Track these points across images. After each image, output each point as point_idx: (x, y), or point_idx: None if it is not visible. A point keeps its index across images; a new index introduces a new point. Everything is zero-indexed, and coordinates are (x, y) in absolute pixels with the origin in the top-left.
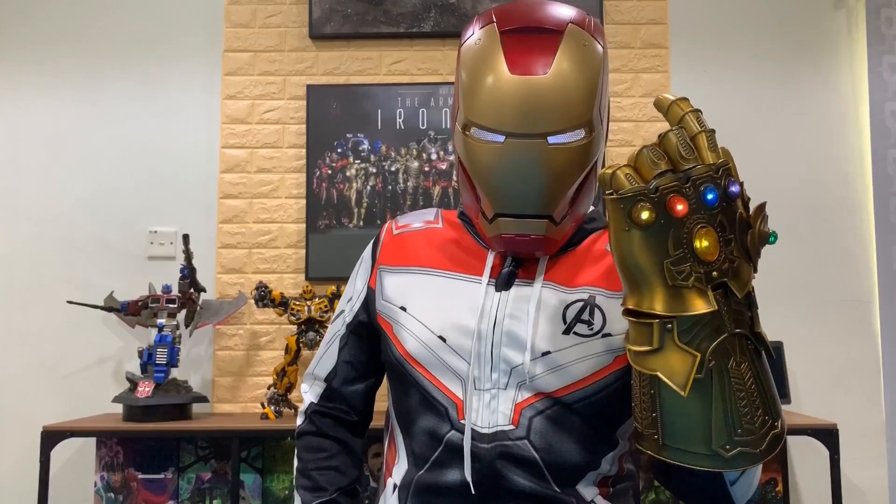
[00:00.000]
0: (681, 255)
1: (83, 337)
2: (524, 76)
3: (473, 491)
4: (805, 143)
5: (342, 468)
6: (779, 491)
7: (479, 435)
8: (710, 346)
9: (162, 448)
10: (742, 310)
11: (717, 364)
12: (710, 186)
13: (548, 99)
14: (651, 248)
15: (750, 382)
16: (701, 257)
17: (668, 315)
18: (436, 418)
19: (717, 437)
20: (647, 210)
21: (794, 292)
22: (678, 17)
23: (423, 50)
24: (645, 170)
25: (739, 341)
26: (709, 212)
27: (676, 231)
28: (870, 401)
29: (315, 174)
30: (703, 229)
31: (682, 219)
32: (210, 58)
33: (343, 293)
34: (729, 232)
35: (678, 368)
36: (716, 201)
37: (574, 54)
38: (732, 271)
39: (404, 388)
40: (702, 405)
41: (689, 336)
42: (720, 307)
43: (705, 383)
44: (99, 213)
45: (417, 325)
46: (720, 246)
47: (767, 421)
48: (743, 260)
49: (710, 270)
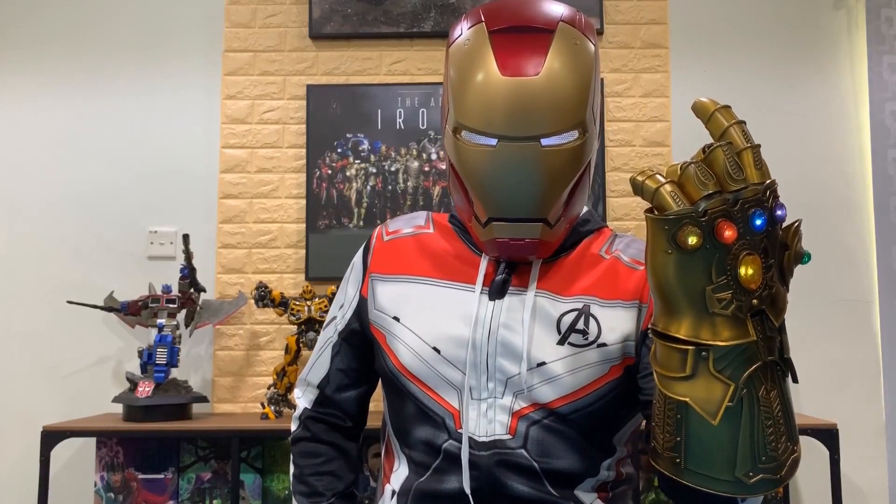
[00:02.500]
0: (724, 282)
1: (83, 337)
2: (515, 77)
3: (472, 500)
4: (805, 143)
5: (338, 473)
6: (779, 491)
7: (477, 443)
8: (744, 374)
9: (162, 448)
10: (774, 335)
11: (748, 392)
12: (759, 211)
13: (540, 100)
14: (694, 274)
15: (777, 410)
16: (744, 285)
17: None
18: (433, 428)
19: (741, 464)
20: (694, 235)
21: (794, 292)
22: (678, 17)
23: (423, 50)
24: (692, 188)
25: (771, 368)
26: (755, 237)
27: (722, 257)
28: (870, 401)
29: (315, 174)
30: (749, 256)
31: (728, 245)
32: (210, 58)
33: (335, 299)
34: (771, 257)
35: (710, 396)
36: (764, 226)
37: (565, 54)
38: (771, 298)
39: (400, 400)
40: (730, 433)
41: (723, 364)
42: (757, 335)
43: (735, 412)
44: (99, 213)
45: (411, 336)
46: (763, 272)
47: (790, 447)
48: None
49: (752, 298)
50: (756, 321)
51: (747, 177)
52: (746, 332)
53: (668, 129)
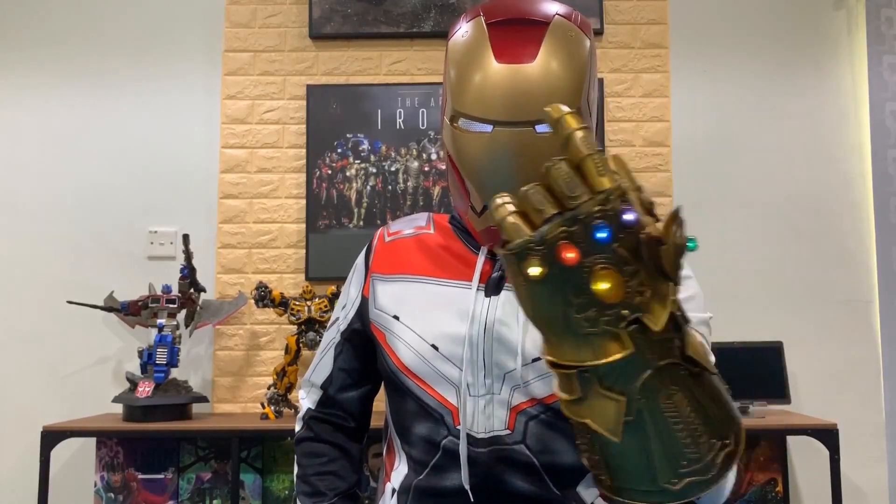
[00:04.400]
0: (584, 302)
1: (83, 337)
2: (511, 64)
3: (472, 497)
4: (805, 143)
5: (341, 473)
6: (779, 491)
7: (476, 440)
8: (635, 386)
9: (162, 448)
10: (669, 336)
11: (647, 402)
12: (600, 224)
13: (534, 86)
14: (552, 301)
15: (688, 411)
16: (605, 300)
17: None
18: (432, 425)
19: (661, 474)
20: (535, 265)
21: (794, 292)
22: (678, 17)
23: (423, 50)
24: (533, 214)
25: (670, 371)
26: (605, 250)
27: (575, 278)
28: (870, 401)
29: (315, 174)
30: (603, 270)
31: (575, 266)
32: (210, 58)
33: (338, 299)
34: (634, 262)
35: (605, 414)
36: (609, 238)
37: (560, 44)
38: (645, 304)
39: (400, 398)
40: (639, 446)
41: (612, 380)
42: (638, 345)
43: (638, 425)
44: (99, 214)
45: (410, 335)
46: (624, 281)
47: (716, 444)
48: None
49: (619, 311)
50: (635, 330)
51: (592, 187)
52: (623, 345)
53: (668, 129)
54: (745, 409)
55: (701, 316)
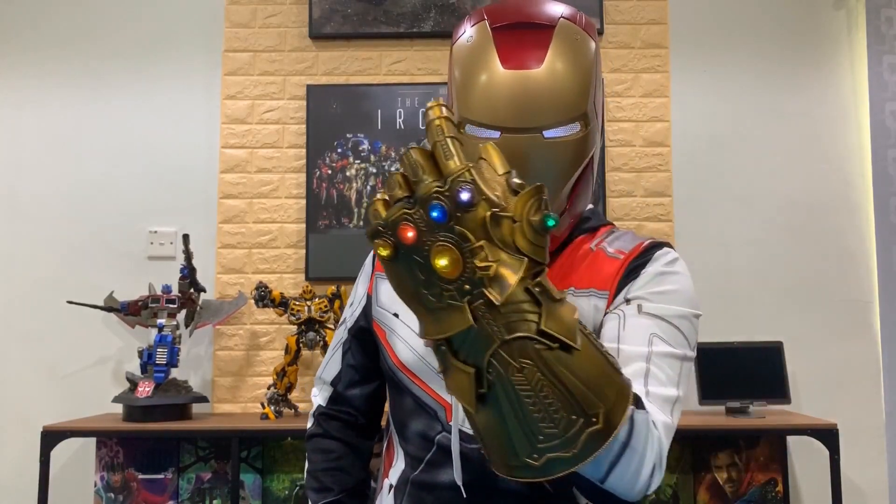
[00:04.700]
0: (429, 278)
1: (83, 337)
2: (517, 70)
3: (464, 493)
4: (805, 143)
5: (348, 469)
6: (779, 491)
7: (468, 436)
8: (484, 358)
9: (162, 448)
10: (524, 310)
11: (497, 376)
12: (435, 204)
13: (542, 92)
14: (405, 279)
15: (540, 386)
16: (445, 276)
17: (435, 338)
18: (427, 421)
19: (520, 448)
20: (383, 246)
21: (794, 292)
22: (678, 17)
23: (423, 50)
24: (391, 200)
25: (521, 345)
26: (444, 228)
27: (417, 257)
28: (870, 401)
29: (315, 174)
30: (441, 247)
31: (416, 245)
32: (210, 58)
33: (349, 299)
34: (477, 240)
35: (462, 387)
36: (444, 217)
37: (566, 48)
38: (490, 278)
39: (399, 395)
40: (497, 420)
41: (465, 353)
42: (483, 317)
43: (493, 398)
44: (99, 214)
45: (408, 332)
46: (464, 258)
47: (576, 420)
48: (511, 258)
49: (461, 285)
50: (482, 304)
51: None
52: (465, 318)
53: (668, 129)
54: (745, 408)
55: (680, 310)
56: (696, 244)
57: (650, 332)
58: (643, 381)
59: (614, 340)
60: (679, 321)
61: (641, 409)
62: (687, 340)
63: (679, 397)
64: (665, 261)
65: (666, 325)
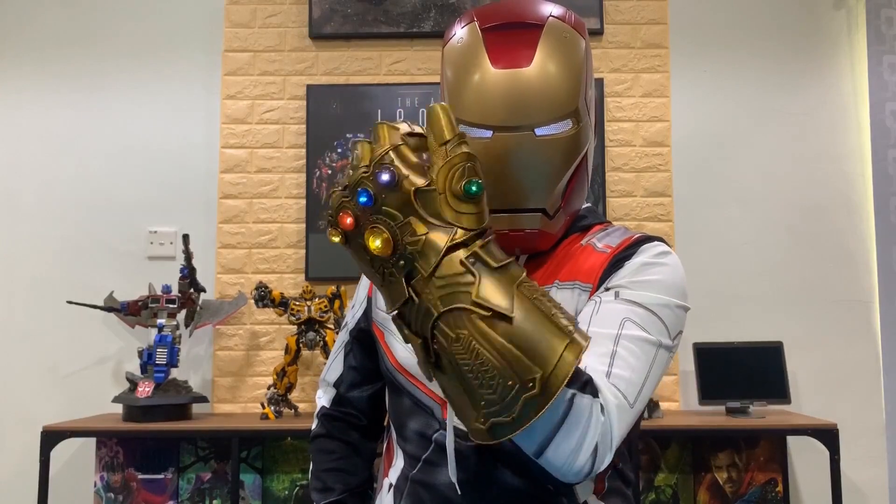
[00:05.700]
0: (371, 258)
1: (83, 337)
2: (507, 70)
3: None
4: (805, 143)
5: (351, 469)
6: (779, 491)
7: (464, 433)
8: (427, 329)
9: (162, 448)
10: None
11: (440, 345)
12: (361, 189)
13: (532, 90)
14: (358, 261)
15: (476, 353)
16: (380, 256)
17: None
18: (424, 419)
19: (469, 413)
20: (332, 235)
21: (794, 292)
22: (678, 17)
23: (423, 50)
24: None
25: (456, 316)
26: (373, 211)
27: (360, 240)
28: (870, 401)
29: (315, 174)
30: (371, 230)
31: (356, 230)
32: (210, 58)
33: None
34: (405, 217)
35: (419, 358)
36: (370, 201)
37: (556, 46)
38: (419, 252)
39: (397, 394)
40: (450, 386)
41: (415, 326)
42: (420, 291)
43: (440, 366)
44: (99, 214)
45: None
46: (394, 237)
47: (512, 386)
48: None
49: (397, 261)
50: (420, 279)
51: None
52: (402, 292)
53: (668, 128)
54: (745, 409)
55: (662, 298)
56: (696, 244)
57: (623, 317)
58: (608, 362)
59: (585, 324)
60: (659, 309)
61: (587, 393)
62: (666, 328)
63: (645, 381)
64: (652, 253)
65: (643, 311)
